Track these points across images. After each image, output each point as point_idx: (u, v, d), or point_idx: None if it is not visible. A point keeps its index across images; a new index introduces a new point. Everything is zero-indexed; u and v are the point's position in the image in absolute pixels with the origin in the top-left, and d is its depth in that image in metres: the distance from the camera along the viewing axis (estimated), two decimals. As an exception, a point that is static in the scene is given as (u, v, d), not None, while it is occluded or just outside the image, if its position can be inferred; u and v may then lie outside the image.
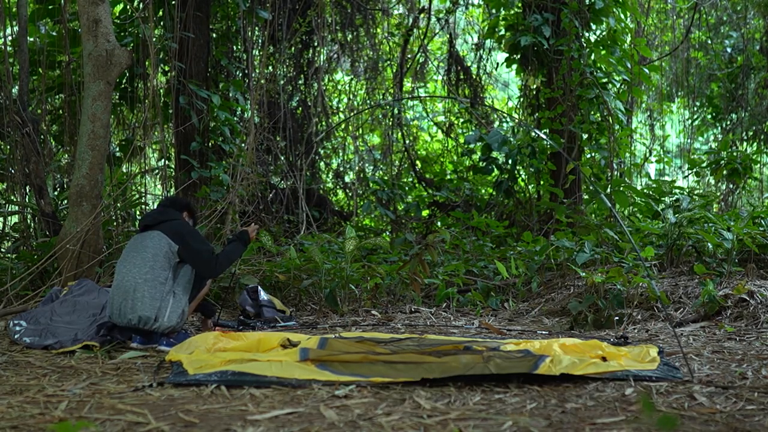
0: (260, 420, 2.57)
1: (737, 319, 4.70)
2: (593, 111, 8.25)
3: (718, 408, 2.71)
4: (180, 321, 4.20)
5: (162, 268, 4.17)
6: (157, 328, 4.12)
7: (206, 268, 4.30)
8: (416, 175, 10.88)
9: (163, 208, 4.49)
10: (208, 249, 4.31)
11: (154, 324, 4.10)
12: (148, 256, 4.16)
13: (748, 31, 11.90)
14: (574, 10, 7.93)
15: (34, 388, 3.12)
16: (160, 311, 4.11)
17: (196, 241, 4.28)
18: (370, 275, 6.08)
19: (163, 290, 4.14)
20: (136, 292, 4.09)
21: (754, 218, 6.45)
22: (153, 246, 4.20)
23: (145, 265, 4.15)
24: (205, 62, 7.87)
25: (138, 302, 4.08)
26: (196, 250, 4.26)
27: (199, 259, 4.27)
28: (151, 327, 4.11)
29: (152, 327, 4.11)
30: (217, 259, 4.33)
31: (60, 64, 7.34)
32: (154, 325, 4.11)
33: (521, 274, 6.19)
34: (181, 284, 4.26)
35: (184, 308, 4.23)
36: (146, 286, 4.11)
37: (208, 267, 4.29)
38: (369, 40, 11.14)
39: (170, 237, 4.24)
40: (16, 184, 6.45)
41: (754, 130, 11.89)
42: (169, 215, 4.40)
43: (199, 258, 4.27)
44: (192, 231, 4.34)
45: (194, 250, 4.25)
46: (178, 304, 4.19)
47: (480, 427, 2.49)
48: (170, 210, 4.46)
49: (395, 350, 3.73)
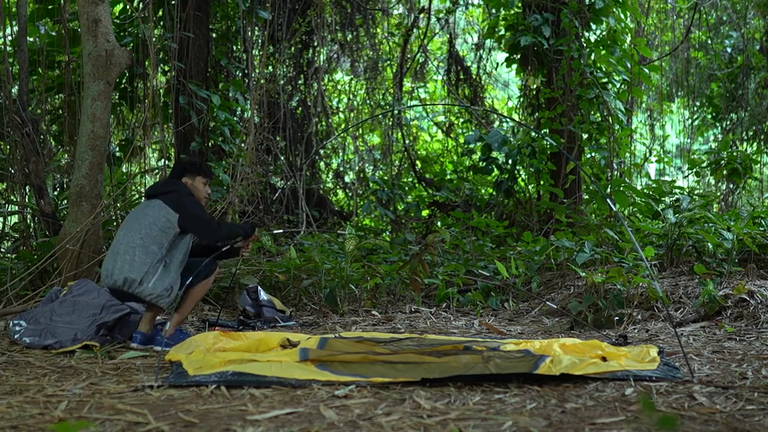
0: (260, 420, 2.57)
1: (737, 319, 4.70)
2: (593, 111, 8.25)
3: (718, 408, 2.71)
4: (165, 294, 4.12)
5: (158, 236, 4.16)
6: (140, 292, 4.08)
7: (207, 231, 4.24)
8: (416, 175, 10.87)
9: (169, 177, 4.51)
10: (208, 215, 4.29)
11: (137, 287, 4.07)
12: (145, 223, 4.17)
13: (748, 31, 11.90)
14: (574, 10, 7.93)
15: (34, 388, 3.12)
16: (147, 276, 4.08)
17: (195, 208, 4.25)
18: (370, 275, 6.08)
19: (154, 257, 4.12)
20: (126, 255, 4.10)
21: (754, 218, 6.45)
22: (152, 214, 4.20)
23: (141, 230, 4.16)
24: (205, 62, 7.87)
25: (126, 264, 4.08)
26: (196, 215, 4.22)
27: (199, 223, 4.21)
28: (134, 290, 4.08)
29: (135, 290, 4.08)
30: (219, 224, 4.30)
31: (60, 64, 7.34)
32: (138, 288, 4.07)
33: (521, 274, 6.19)
34: (176, 258, 4.21)
35: (173, 284, 4.16)
36: (138, 250, 4.11)
37: (209, 229, 4.23)
38: (369, 40, 11.14)
39: (170, 206, 4.22)
40: (16, 184, 6.45)
41: (754, 130, 11.89)
42: (172, 185, 4.40)
43: (200, 221, 4.22)
44: (191, 200, 4.30)
45: (193, 215, 4.21)
46: (166, 275, 4.14)
47: (480, 427, 2.49)
48: (174, 180, 4.47)
49: (395, 350, 3.73)
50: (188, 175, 4.49)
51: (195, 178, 4.49)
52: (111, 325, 4.26)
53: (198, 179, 4.49)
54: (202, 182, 4.51)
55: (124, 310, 4.38)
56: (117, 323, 4.31)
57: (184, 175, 4.48)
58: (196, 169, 4.52)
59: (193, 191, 4.44)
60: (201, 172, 4.53)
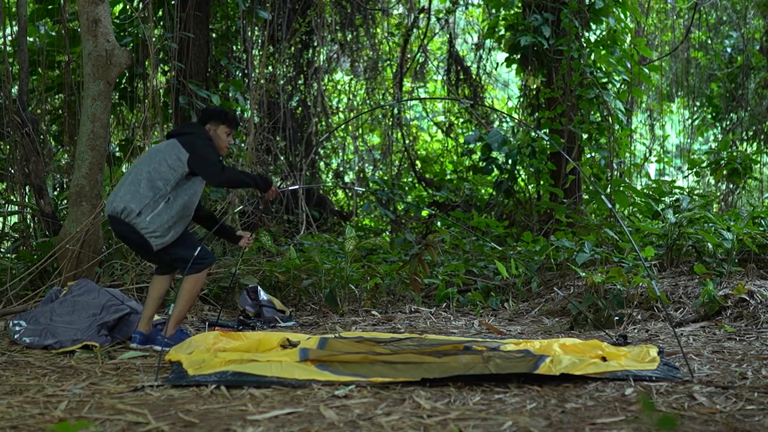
0: (260, 420, 2.57)
1: (737, 319, 4.70)
2: (593, 111, 8.25)
3: (718, 408, 2.71)
4: (158, 231, 4.06)
5: (166, 172, 4.14)
6: (136, 224, 4.04)
7: (212, 173, 4.19)
8: (416, 175, 10.87)
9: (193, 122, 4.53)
10: (217, 158, 4.26)
11: (135, 218, 4.04)
12: (156, 159, 4.18)
13: (748, 31, 11.90)
14: (574, 10, 7.93)
15: (34, 388, 3.12)
16: (146, 208, 4.05)
17: (205, 150, 4.23)
18: (370, 275, 6.08)
19: (157, 192, 4.09)
20: (132, 185, 4.10)
21: (754, 218, 6.44)
22: (165, 151, 4.21)
23: (151, 164, 4.16)
24: (205, 62, 7.87)
25: (129, 194, 4.07)
26: (203, 155, 4.19)
27: (205, 163, 4.18)
28: (131, 220, 4.04)
29: (132, 220, 4.04)
30: (226, 169, 4.28)
31: (60, 64, 7.34)
32: (135, 219, 4.04)
33: (521, 274, 6.19)
34: (179, 198, 4.16)
35: (170, 224, 4.10)
36: (144, 182, 4.10)
37: (214, 171, 4.19)
38: (369, 40, 11.14)
39: (183, 145, 4.21)
40: (16, 184, 6.45)
41: (754, 130, 11.88)
42: (191, 128, 4.41)
43: (206, 162, 4.18)
44: (205, 142, 4.28)
45: (201, 155, 4.19)
46: (166, 212, 4.09)
47: (480, 427, 2.49)
48: (196, 124, 4.46)
49: (395, 350, 3.73)
50: (212, 122, 4.45)
51: (219, 127, 4.44)
52: (111, 325, 4.26)
53: (221, 128, 4.44)
54: (225, 131, 4.46)
55: (124, 310, 4.39)
56: (117, 323, 4.31)
57: (209, 121, 4.45)
58: (221, 117, 4.47)
59: (214, 138, 4.40)
60: (226, 120, 4.47)
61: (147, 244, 4.09)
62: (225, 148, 4.47)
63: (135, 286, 5.38)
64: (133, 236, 4.10)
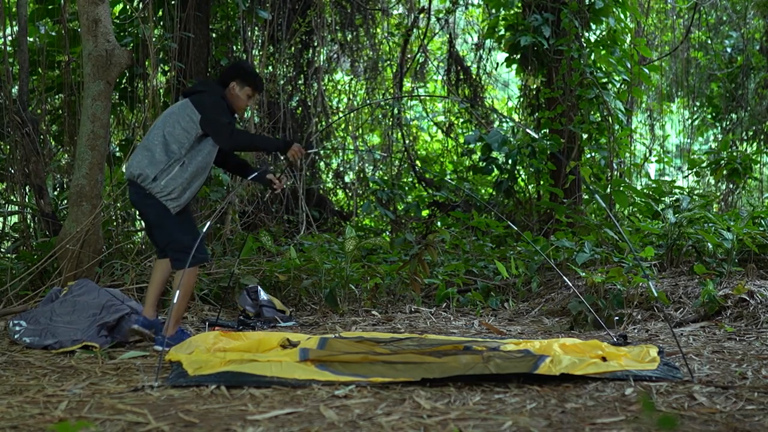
0: (260, 420, 2.57)
1: (737, 319, 4.70)
2: (593, 111, 8.25)
3: (718, 408, 2.71)
4: (174, 194, 4.10)
5: (180, 135, 4.15)
6: (152, 188, 4.08)
7: (221, 136, 4.18)
8: (416, 175, 10.87)
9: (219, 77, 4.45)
10: (228, 120, 4.22)
11: (150, 183, 4.08)
12: (170, 121, 4.19)
13: (748, 31, 11.89)
14: (574, 10, 7.93)
15: (34, 388, 3.12)
16: (161, 173, 4.09)
17: (216, 111, 4.20)
18: (370, 275, 6.08)
19: (172, 157, 4.12)
20: (147, 150, 4.13)
21: (754, 218, 6.45)
22: (178, 112, 4.21)
23: (166, 127, 4.17)
24: (205, 62, 7.87)
25: (146, 159, 4.12)
26: (213, 117, 4.17)
27: (216, 126, 4.17)
28: (146, 185, 4.09)
29: (147, 185, 4.09)
30: (236, 132, 4.23)
31: (60, 64, 7.33)
32: (151, 184, 4.08)
33: (521, 274, 6.19)
34: (194, 160, 4.17)
35: (185, 185, 4.13)
36: (159, 147, 4.13)
37: (224, 134, 4.17)
38: (369, 40, 11.14)
39: (195, 106, 4.20)
40: (16, 184, 6.44)
41: (754, 130, 11.88)
42: (204, 86, 4.35)
43: (217, 125, 4.17)
44: (216, 102, 4.24)
45: (211, 118, 4.17)
46: (181, 175, 4.12)
47: (480, 427, 2.49)
48: (209, 82, 4.39)
49: (395, 350, 3.73)
50: (238, 81, 4.38)
51: (243, 87, 4.38)
52: (111, 326, 4.26)
53: (246, 89, 4.38)
54: (247, 93, 4.40)
55: (124, 310, 4.39)
56: (117, 323, 4.31)
57: (234, 79, 4.38)
58: (248, 78, 4.39)
59: (233, 98, 4.36)
60: (252, 83, 4.40)
61: (163, 209, 4.09)
62: (243, 109, 4.42)
63: (135, 286, 5.38)
64: (149, 201, 4.13)
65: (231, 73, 4.39)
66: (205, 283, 5.80)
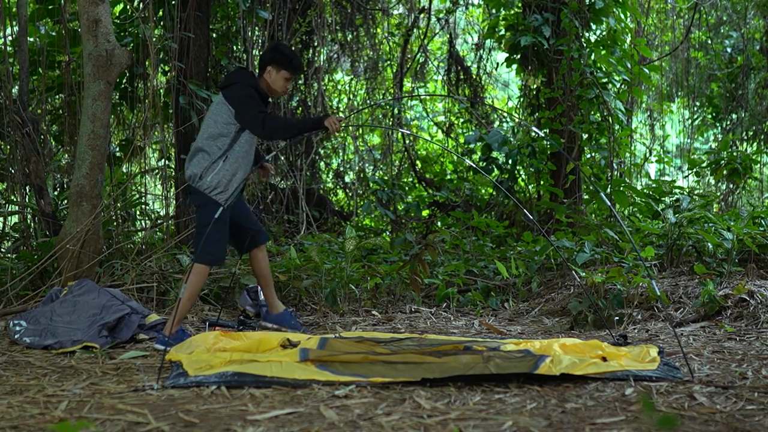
0: (260, 420, 2.58)
1: (737, 319, 4.69)
2: (593, 111, 8.25)
3: (718, 408, 2.71)
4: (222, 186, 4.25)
5: (221, 132, 4.27)
6: (200, 186, 4.26)
7: (256, 126, 4.25)
8: (416, 175, 10.87)
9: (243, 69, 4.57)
10: (258, 109, 4.25)
11: (198, 182, 4.26)
12: (210, 121, 4.32)
13: (748, 31, 11.89)
14: (574, 10, 7.93)
15: (34, 388, 3.12)
16: (206, 171, 4.24)
17: (247, 103, 4.25)
18: (370, 275, 6.07)
19: (215, 155, 4.25)
20: (197, 151, 4.30)
21: (754, 218, 6.44)
22: (216, 110, 4.33)
23: (209, 128, 4.30)
24: (205, 62, 7.86)
25: (195, 160, 4.29)
26: (244, 110, 4.24)
27: (247, 119, 4.25)
28: (196, 184, 4.28)
29: (196, 185, 4.28)
30: (269, 119, 4.27)
31: (60, 64, 7.33)
32: (198, 182, 4.26)
33: (521, 274, 6.19)
34: (235, 151, 4.27)
35: (230, 178, 4.26)
36: (205, 146, 4.28)
37: (257, 124, 4.24)
38: (369, 40, 11.14)
39: (228, 101, 4.27)
40: (16, 184, 6.44)
41: (754, 130, 11.88)
42: (237, 75, 4.40)
43: (248, 117, 4.24)
44: (245, 93, 4.27)
45: (243, 111, 4.24)
46: (225, 171, 4.24)
47: (480, 427, 2.49)
48: (243, 71, 4.45)
49: (395, 350, 3.73)
50: (275, 65, 4.39)
51: (280, 71, 4.38)
52: (111, 326, 4.26)
53: (282, 73, 4.38)
54: (285, 77, 4.40)
55: (124, 310, 4.39)
56: (117, 323, 4.31)
57: (271, 63, 4.39)
58: (284, 61, 4.39)
59: (271, 81, 4.38)
60: (289, 66, 4.40)
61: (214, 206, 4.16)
62: (281, 93, 4.46)
63: (135, 286, 5.38)
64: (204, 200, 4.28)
65: (267, 57, 4.41)
66: (205, 283, 5.80)
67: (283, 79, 4.39)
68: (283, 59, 4.38)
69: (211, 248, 4.25)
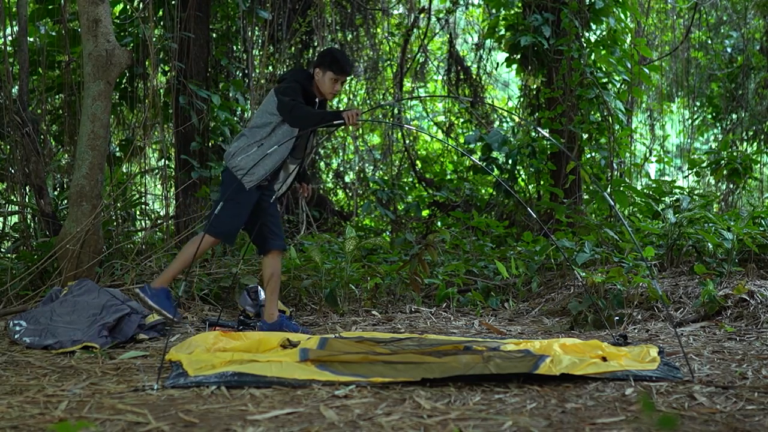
0: (260, 420, 2.58)
1: (737, 319, 4.69)
2: (593, 111, 8.24)
3: (718, 408, 2.71)
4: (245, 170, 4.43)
5: (264, 122, 4.47)
6: (230, 164, 4.49)
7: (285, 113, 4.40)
8: (416, 175, 10.87)
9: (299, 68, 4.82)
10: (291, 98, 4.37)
11: (231, 160, 4.49)
12: (258, 112, 4.56)
13: (748, 31, 11.89)
14: (574, 10, 7.93)
15: (34, 388, 3.12)
16: (240, 151, 4.47)
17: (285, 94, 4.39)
18: (370, 275, 6.07)
19: (254, 138, 4.46)
20: (240, 136, 4.57)
21: (754, 218, 6.44)
22: (265, 102, 4.55)
23: (255, 117, 4.57)
24: (205, 62, 7.86)
25: (235, 142, 4.55)
26: (280, 99, 4.38)
27: (282, 105, 4.39)
28: (228, 163, 4.51)
29: (229, 163, 4.50)
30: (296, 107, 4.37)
31: (60, 64, 7.33)
32: (231, 161, 4.49)
33: (521, 274, 6.19)
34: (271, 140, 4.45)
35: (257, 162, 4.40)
36: (247, 132, 4.53)
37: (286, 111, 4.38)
38: (369, 40, 11.14)
39: (275, 93, 4.43)
40: (16, 184, 6.44)
41: (754, 130, 11.88)
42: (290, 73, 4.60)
43: (281, 104, 4.39)
44: (287, 86, 4.43)
45: (280, 101, 4.38)
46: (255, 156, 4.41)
47: (480, 427, 2.49)
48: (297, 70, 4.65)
49: (395, 350, 3.73)
50: (321, 67, 4.51)
51: (326, 73, 4.48)
52: (111, 326, 4.26)
53: (328, 74, 4.48)
54: (330, 78, 4.48)
55: (124, 310, 4.38)
56: (117, 323, 4.31)
57: (319, 65, 4.52)
58: (328, 62, 4.51)
59: (320, 84, 4.50)
60: (332, 67, 4.49)
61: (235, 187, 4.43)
62: (330, 94, 4.56)
63: (135, 286, 5.38)
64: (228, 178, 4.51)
65: (316, 60, 4.59)
66: (205, 283, 5.80)
67: (330, 81, 4.50)
68: (328, 60, 4.51)
69: (223, 222, 4.46)
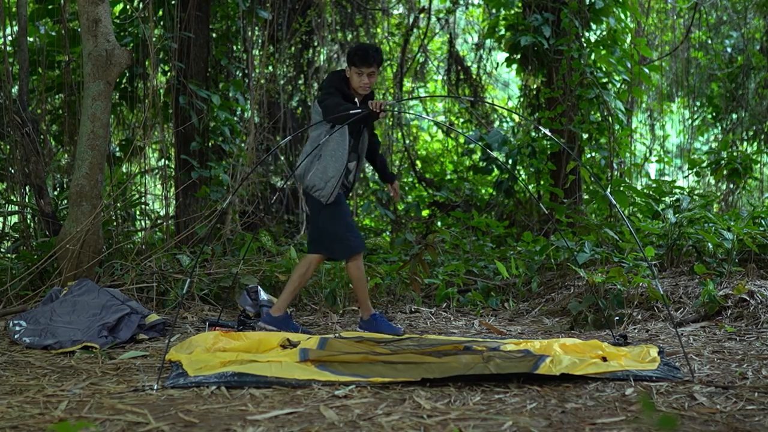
0: (260, 420, 2.58)
1: (737, 319, 4.69)
2: (593, 111, 8.24)
3: (718, 408, 2.71)
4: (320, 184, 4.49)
5: (317, 134, 4.53)
6: (305, 186, 4.57)
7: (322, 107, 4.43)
8: (416, 175, 10.87)
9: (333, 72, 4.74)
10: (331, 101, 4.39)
11: (304, 181, 4.56)
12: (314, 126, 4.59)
13: (748, 31, 11.89)
14: (574, 10, 7.93)
15: (34, 388, 3.12)
16: (307, 171, 4.53)
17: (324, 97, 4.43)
18: (370, 275, 6.07)
19: (314, 155, 4.51)
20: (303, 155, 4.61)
21: (754, 218, 6.44)
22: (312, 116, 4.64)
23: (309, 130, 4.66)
24: (205, 62, 7.87)
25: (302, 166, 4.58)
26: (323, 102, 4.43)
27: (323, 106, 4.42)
28: (303, 185, 4.60)
29: (304, 185, 4.58)
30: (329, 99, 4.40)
31: (60, 64, 7.33)
32: (304, 183, 4.56)
33: (521, 274, 6.19)
34: (328, 148, 4.49)
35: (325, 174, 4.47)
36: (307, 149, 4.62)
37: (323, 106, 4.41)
38: (369, 40, 11.13)
39: (318, 102, 4.48)
40: (16, 184, 6.44)
41: (754, 130, 11.87)
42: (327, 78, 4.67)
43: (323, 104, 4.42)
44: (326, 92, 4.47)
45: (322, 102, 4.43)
46: (321, 169, 4.48)
47: (480, 427, 2.49)
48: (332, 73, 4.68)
49: (395, 350, 3.73)
50: (348, 65, 4.55)
51: (351, 68, 4.51)
52: (111, 326, 4.26)
53: (353, 69, 4.49)
54: (355, 72, 4.48)
55: (124, 310, 4.38)
56: (117, 323, 4.31)
57: (348, 64, 4.57)
58: (350, 58, 4.54)
59: (351, 82, 4.53)
60: (354, 60, 4.50)
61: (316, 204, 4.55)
62: (361, 89, 4.53)
63: (135, 286, 5.38)
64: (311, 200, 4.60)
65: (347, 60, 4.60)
66: (205, 283, 5.80)
67: (356, 75, 4.51)
68: (351, 56, 4.54)
69: (342, 238, 4.56)
